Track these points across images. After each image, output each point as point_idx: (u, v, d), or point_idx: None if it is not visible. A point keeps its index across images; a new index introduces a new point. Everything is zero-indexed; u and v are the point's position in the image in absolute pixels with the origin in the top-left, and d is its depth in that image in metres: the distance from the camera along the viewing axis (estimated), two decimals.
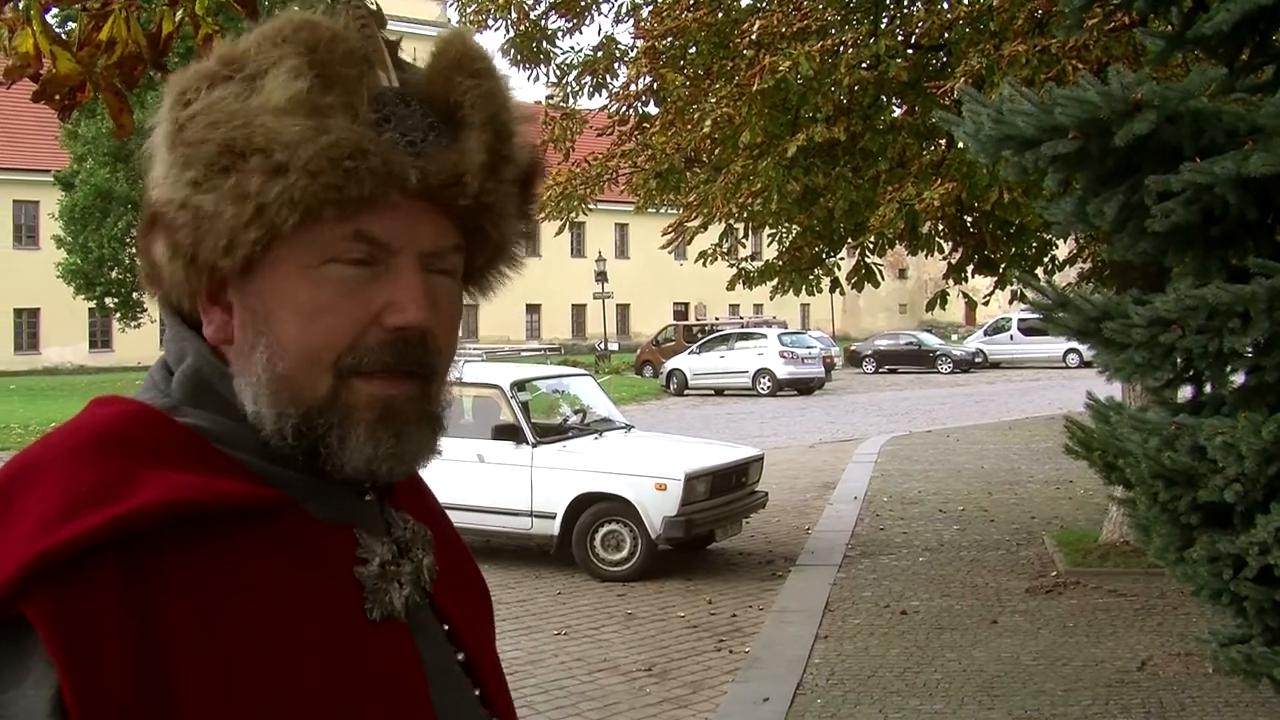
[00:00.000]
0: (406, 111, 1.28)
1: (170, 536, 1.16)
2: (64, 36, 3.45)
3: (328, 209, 1.22)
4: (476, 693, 1.43)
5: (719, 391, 42.37)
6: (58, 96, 3.31)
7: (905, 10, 12.36)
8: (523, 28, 12.92)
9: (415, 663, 1.32)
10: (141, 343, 57.48)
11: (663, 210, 14.90)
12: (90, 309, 52.72)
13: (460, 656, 1.42)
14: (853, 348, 58.39)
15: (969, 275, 14.33)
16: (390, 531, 1.38)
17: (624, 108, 13.32)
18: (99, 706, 1.08)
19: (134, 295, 46.68)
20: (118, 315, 48.21)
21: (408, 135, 1.26)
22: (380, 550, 1.33)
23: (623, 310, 73.27)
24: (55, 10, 3.67)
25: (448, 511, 1.64)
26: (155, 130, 1.30)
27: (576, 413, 14.18)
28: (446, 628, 1.41)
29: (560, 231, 15.84)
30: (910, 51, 11.77)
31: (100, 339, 60.94)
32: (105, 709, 1.08)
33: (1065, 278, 16.57)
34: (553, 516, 12.25)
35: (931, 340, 56.73)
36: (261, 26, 1.29)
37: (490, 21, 12.82)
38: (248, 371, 1.27)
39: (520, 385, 13.18)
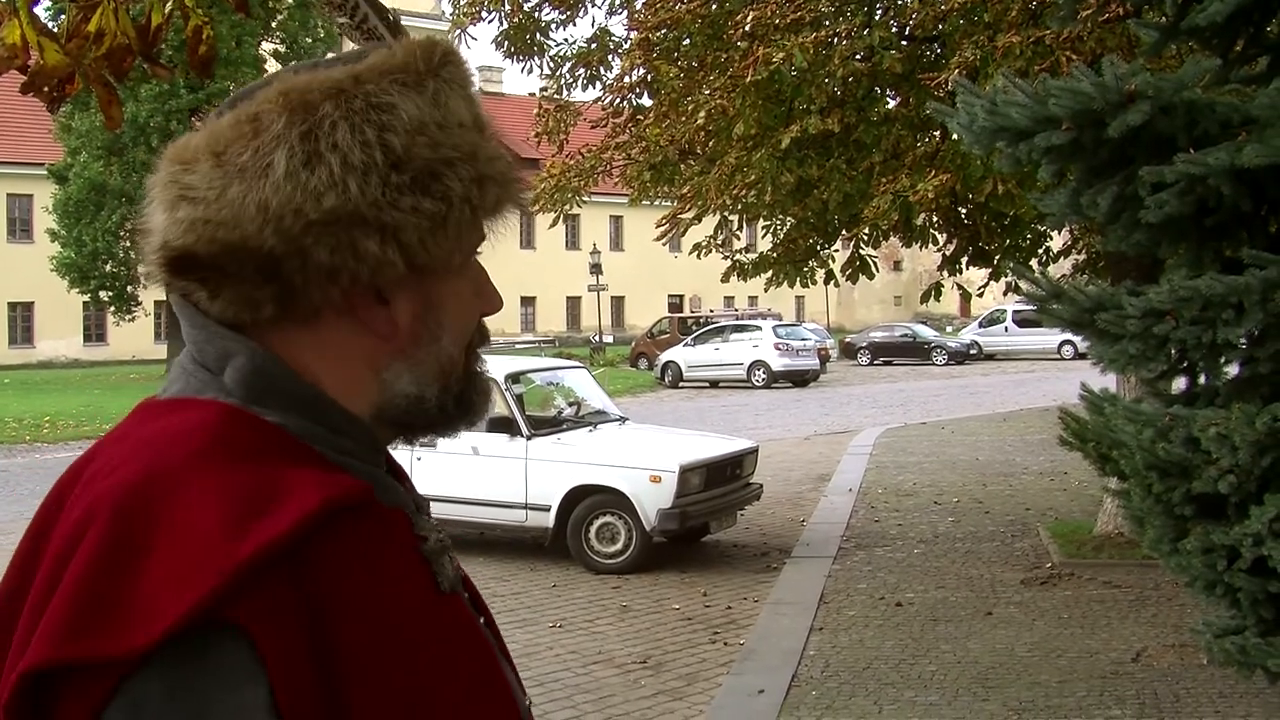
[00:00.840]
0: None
1: (318, 534, 1.23)
2: (54, 28, 3.44)
3: (506, 211, 1.42)
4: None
5: (714, 384, 42.37)
6: (46, 88, 3.29)
7: (899, 2, 12.33)
8: (516, 20, 12.89)
9: (480, 631, 1.44)
10: (136, 336, 57.52)
11: (657, 202, 14.87)
12: (84, 302, 52.74)
13: (481, 620, 1.50)
14: (847, 340, 58.44)
15: (963, 267, 14.31)
16: (419, 509, 1.47)
17: (618, 100, 13.30)
18: (300, 699, 1.17)
19: (128, 289, 46.71)
20: (112, 309, 48.27)
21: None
22: (428, 527, 1.43)
23: (617, 302, 73.29)
24: (45, 2, 3.65)
25: (443, 504, 1.70)
26: (315, 130, 1.31)
27: (571, 405, 14.19)
28: (467, 595, 1.50)
29: (555, 224, 15.84)
30: (904, 43, 11.75)
31: (95, 332, 60.92)
32: (304, 702, 1.17)
33: (1059, 269, 16.54)
34: (547, 509, 12.24)
35: (926, 332, 56.77)
36: (408, 43, 1.40)
37: (484, 14, 12.80)
38: (421, 360, 1.40)
39: (515, 377, 13.17)
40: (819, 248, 14.20)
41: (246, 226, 1.29)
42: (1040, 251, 14.92)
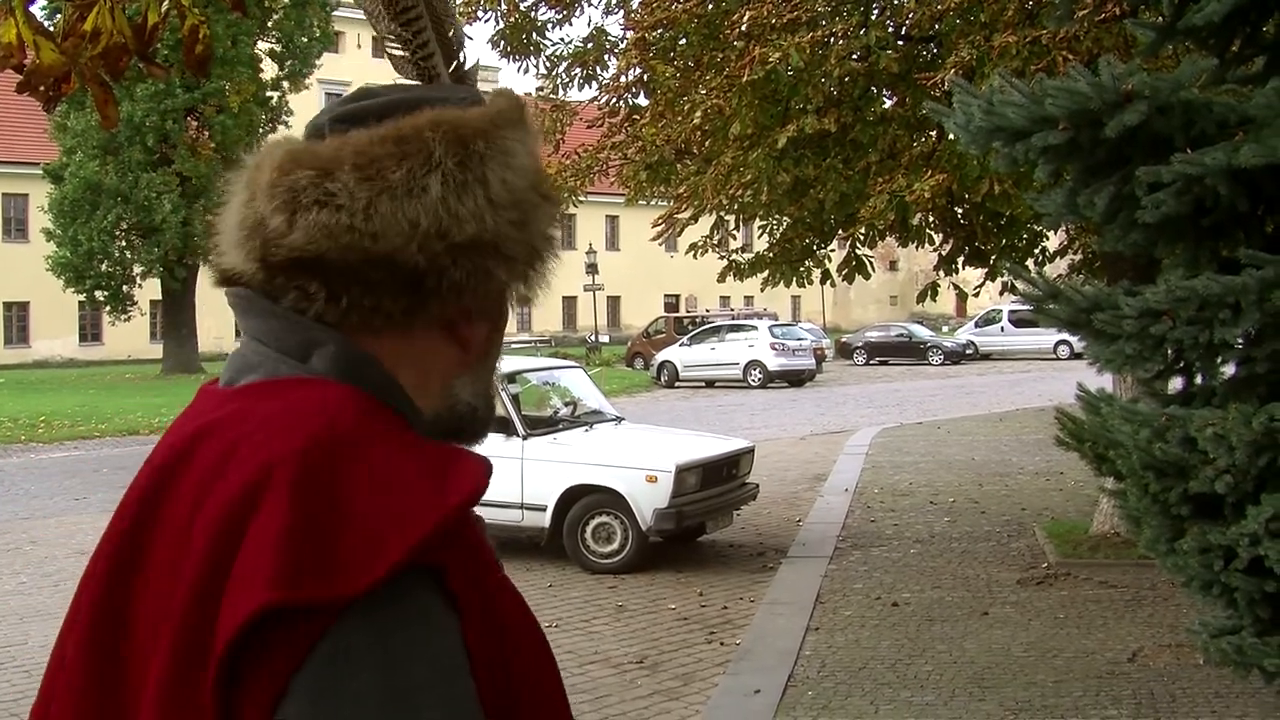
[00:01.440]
0: None
1: None
2: (50, 27, 3.43)
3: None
4: None
5: (710, 383, 42.39)
6: (42, 87, 3.29)
7: (895, 1, 12.33)
8: (513, 19, 12.89)
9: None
10: (131, 336, 57.55)
11: (653, 202, 14.85)
12: (80, 302, 52.69)
13: None
14: (843, 339, 58.44)
15: (960, 267, 14.31)
16: None
17: (614, 99, 13.28)
18: (482, 643, 1.32)
19: (124, 288, 46.69)
20: (107, 308, 48.25)
21: None
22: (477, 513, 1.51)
23: (613, 302, 73.34)
24: (41, 1, 3.64)
25: None
26: (467, 161, 1.44)
27: (567, 405, 14.17)
28: None
29: None
30: (901, 43, 11.74)
31: (90, 332, 60.95)
32: (485, 647, 1.32)
33: (1056, 269, 16.52)
34: (543, 509, 12.24)
35: (922, 332, 56.81)
36: (500, 91, 1.56)
37: (480, 13, 12.79)
38: (483, 372, 1.55)
39: (511, 377, 13.17)
40: (815, 247, 14.19)
41: (394, 240, 1.39)
42: (1036, 251, 14.92)
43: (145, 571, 1.34)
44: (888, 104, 12.49)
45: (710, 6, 12.06)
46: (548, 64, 13.42)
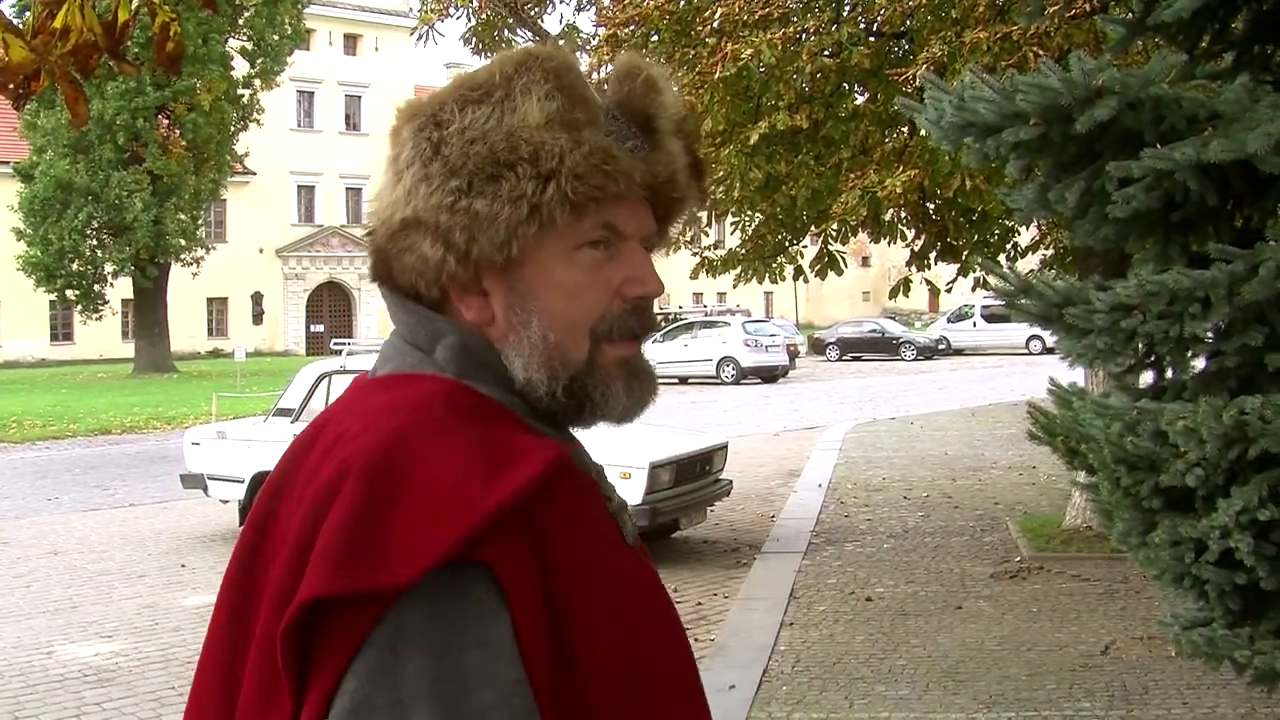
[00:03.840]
0: (619, 124, 1.56)
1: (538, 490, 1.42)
2: (19, 24, 3.41)
3: (591, 204, 1.50)
4: None
5: (683, 380, 42.36)
6: (11, 85, 3.27)
7: None
8: (484, 16, 12.88)
9: (659, 579, 1.64)
10: (102, 335, 57.29)
11: None
12: (51, 301, 52.46)
13: None
14: (816, 335, 58.51)
15: (932, 262, 14.35)
16: (601, 474, 1.66)
17: None
18: (535, 635, 1.36)
19: (95, 287, 46.47)
20: (79, 308, 48.01)
21: (628, 142, 1.55)
22: (610, 489, 1.63)
23: None
24: None
25: None
26: (399, 151, 1.55)
27: None
28: None
29: None
30: (872, 39, 11.76)
31: (61, 332, 60.68)
32: (538, 637, 1.36)
33: (1028, 264, 16.60)
34: None
35: (895, 327, 56.89)
36: (499, 58, 1.57)
37: (452, 10, 12.78)
38: (520, 345, 1.54)
39: None
40: (787, 244, 14.22)
41: (378, 232, 1.56)
42: (1008, 246, 14.97)
43: (267, 550, 1.49)
44: (859, 100, 12.50)
45: (682, 3, 12.06)
46: None
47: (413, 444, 1.40)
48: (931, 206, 13.24)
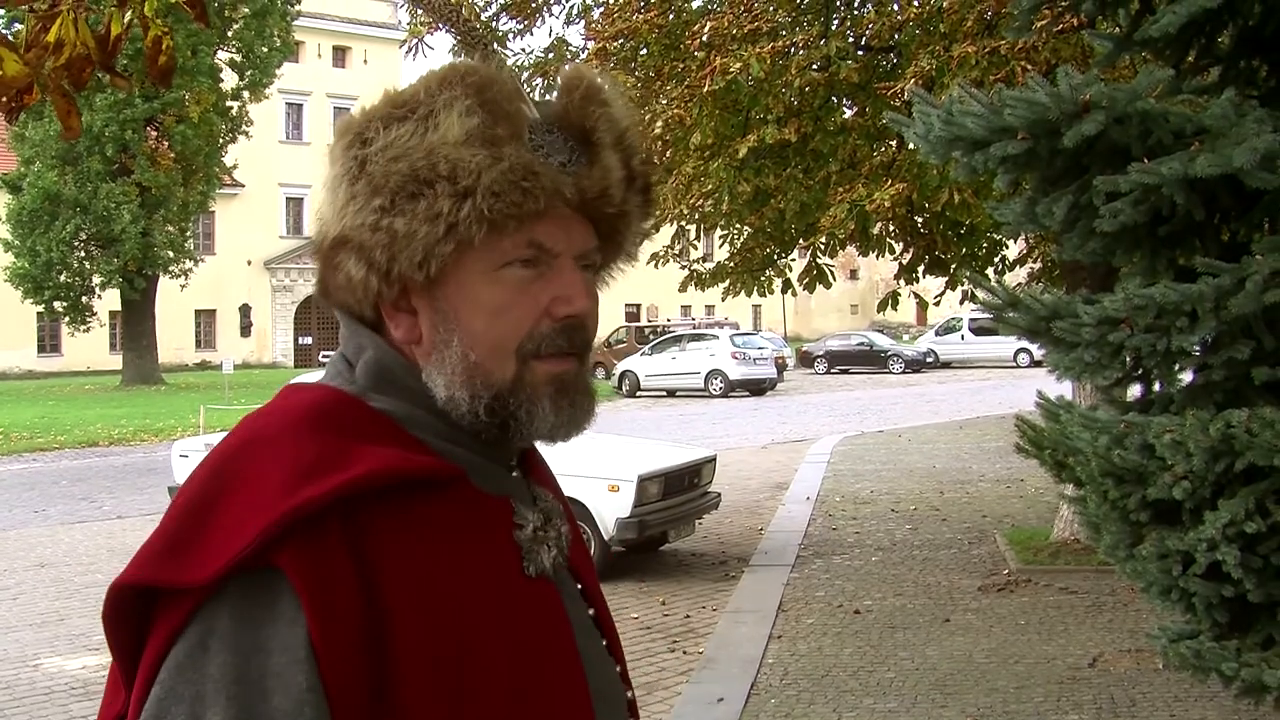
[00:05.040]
0: (551, 138, 1.54)
1: (378, 502, 1.41)
2: (11, 38, 3.42)
3: (510, 222, 1.47)
4: (604, 644, 1.69)
5: (671, 393, 42.41)
6: (4, 98, 3.28)
7: (856, 12, 12.39)
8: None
9: (563, 614, 1.58)
10: (90, 346, 57.11)
11: None
12: (39, 313, 52.31)
13: (590, 612, 1.69)
14: (804, 348, 58.49)
15: (920, 276, 14.38)
16: (536, 503, 1.63)
17: None
18: (337, 644, 1.33)
19: (83, 299, 46.37)
20: (66, 319, 47.87)
21: (556, 157, 1.53)
22: (531, 517, 1.59)
23: None
24: (2, 11, 3.63)
25: None
26: (329, 167, 1.56)
27: None
28: (580, 587, 1.69)
29: None
30: (861, 53, 11.80)
31: (49, 343, 60.49)
32: (341, 646, 1.33)
33: (1015, 278, 16.66)
34: None
35: (883, 340, 56.90)
36: (426, 74, 1.55)
37: (441, 24, 12.78)
38: (441, 364, 1.52)
39: None
40: (776, 257, 14.23)
41: (317, 249, 1.57)
42: (996, 260, 14.99)
43: None
44: (848, 114, 12.53)
45: (671, 17, 12.10)
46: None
47: (255, 448, 1.43)
48: (920, 220, 13.27)
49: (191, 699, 1.31)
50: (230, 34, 46.60)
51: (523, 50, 14.05)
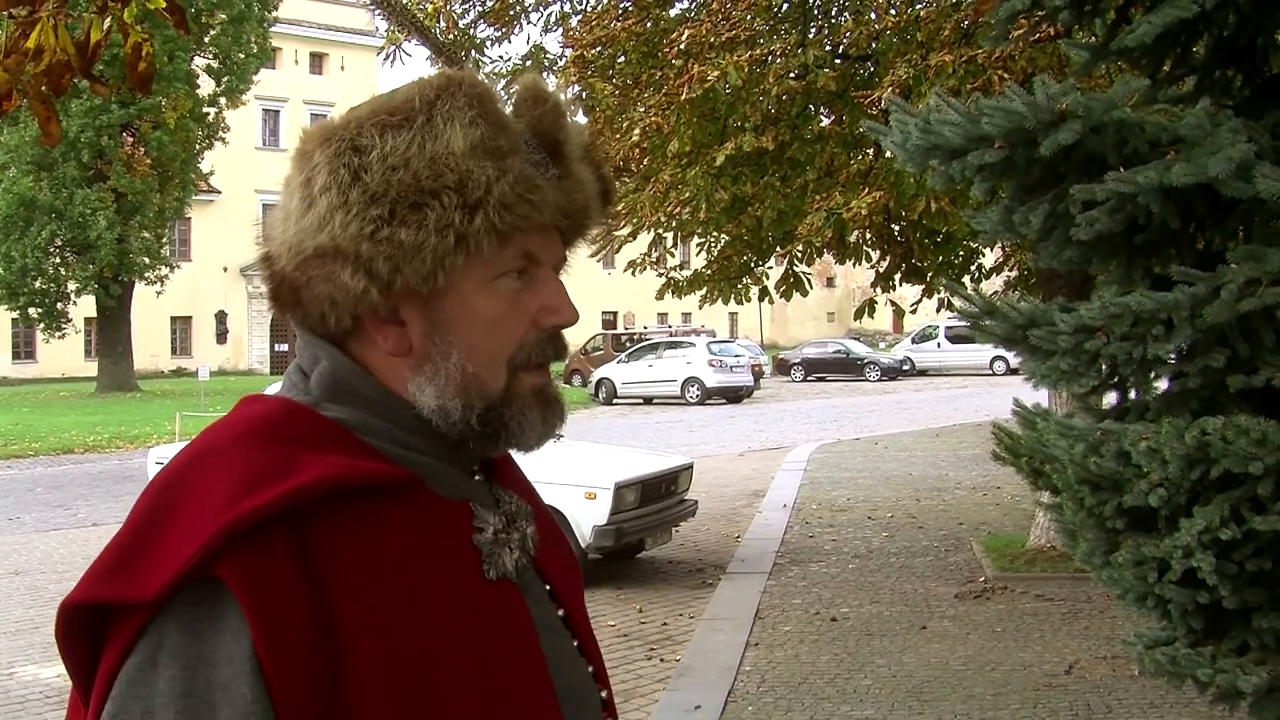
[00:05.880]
0: (530, 150, 1.53)
1: (328, 510, 1.40)
2: None
3: (516, 234, 1.48)
4: (575, 644, 1.68)
5: (647, 400, 42.42)
6: None
7: (833, 21, 12.42)
8: (451, 36, 12.88)
9: (526, 616, 1.57)
10: (65, 353, 56.91)
11: None
12: (13, 319, 52.11)
13: (560, 613, 1.67)
14: (781, 356, 58.61)
15: (897, 283, 14.40)
16: (499, 505, 1.62)
17: None
18: (283, 654, 1.32)
19: (58, 305, 46.20)
20: (41, 325, 47.74)
21: (549, 170, 1.53)
22: (492, 520, 1.58)
23: None
24: None
25: None
26: (311, 176, 1.50)
27: None
28: (548, 587, 1.67)
29: None
30: (838, 61, 11.81)
31: (23, 350, 60.32)
32: (288, 656, 1.32)
33: (992, 286, 16.68)
34: None
35: (859, 348, 57.05)
36: (419, 82, 1.54)
37: (406, 33, 12.77)
38: (435, 375, 1.51)
39: None
40: (753, 264, 14.26)
41: (284, 259, 1.51)
42: (973, 268, 15.04)
43: None
44: (825, 122, 12.55)
45: (649, 25, 12.10)
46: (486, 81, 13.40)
47: (204, 460, 1.42)
48: (896, 228, 13.29)
49: (141, 714, 1.32)
50: (207, 40, 46.56)
51: (500, 58, 14.05)
